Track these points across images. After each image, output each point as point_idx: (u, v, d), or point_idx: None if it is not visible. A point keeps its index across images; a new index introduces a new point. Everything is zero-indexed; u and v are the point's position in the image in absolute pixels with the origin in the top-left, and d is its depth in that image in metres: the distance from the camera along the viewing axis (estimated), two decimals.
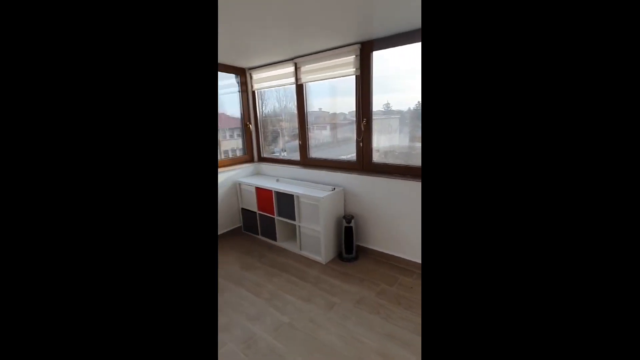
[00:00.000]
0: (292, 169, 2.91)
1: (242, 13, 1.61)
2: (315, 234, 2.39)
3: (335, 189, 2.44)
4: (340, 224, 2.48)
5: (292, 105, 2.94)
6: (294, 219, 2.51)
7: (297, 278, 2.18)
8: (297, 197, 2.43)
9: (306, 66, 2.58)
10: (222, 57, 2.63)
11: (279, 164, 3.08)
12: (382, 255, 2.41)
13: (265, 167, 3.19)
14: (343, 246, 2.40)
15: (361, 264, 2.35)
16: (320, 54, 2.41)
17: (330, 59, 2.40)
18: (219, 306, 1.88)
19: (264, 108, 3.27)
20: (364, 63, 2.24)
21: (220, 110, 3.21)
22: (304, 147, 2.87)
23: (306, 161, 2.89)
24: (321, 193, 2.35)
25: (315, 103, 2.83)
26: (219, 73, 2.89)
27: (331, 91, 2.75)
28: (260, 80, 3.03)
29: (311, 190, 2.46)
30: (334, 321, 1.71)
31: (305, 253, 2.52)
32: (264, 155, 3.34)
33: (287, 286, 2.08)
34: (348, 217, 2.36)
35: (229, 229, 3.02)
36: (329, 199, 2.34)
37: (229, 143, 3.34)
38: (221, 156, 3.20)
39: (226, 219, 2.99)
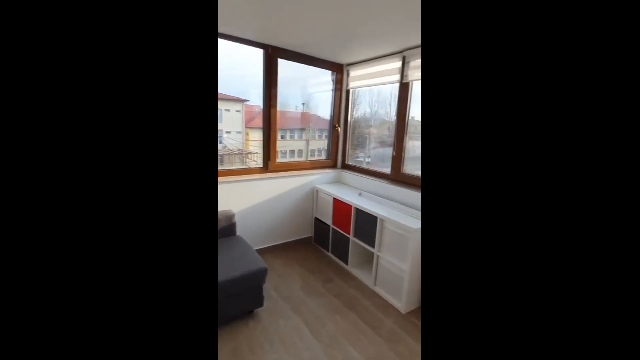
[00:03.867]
0: (379, 183, 2.44)
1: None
2: (397, 272, 1.87)
3: None
4: None
5: (383, 112, 2.69)
6: (372, 245, 2.04)
7: (366, 325, 1.71)
8: (382, 220, 1.95)
9: (417, 60, 2.07)
10: (321, 52, 2.38)
11: (365, 174, 2.65)
12: None
13: (349, 176, 2.81)
14: None
15: None
16: None
17: None
18: (271, 334, 1.58)
19: (355, 111, 2.93)
20: None
21: (310, 110, 3.03)
22: (397, 160, 2.36)
23: (398, 176, 2.37)
24: (414, 222, 1.81)
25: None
26: (315, 69, 2.66)
27: None
28: (358, 78, 2.67)
29: (401, 215, 1.95)
30: None
31: (380, 291, 2.01)
32: (349, 162, 2.97)
33: (352, 333, 1.63)
34: None
35: (299, 238, 2.76)
36: None
37: (317, 143, 3.15)
38: (307, 157, 3.02)
39: (297, 227, 2.74)
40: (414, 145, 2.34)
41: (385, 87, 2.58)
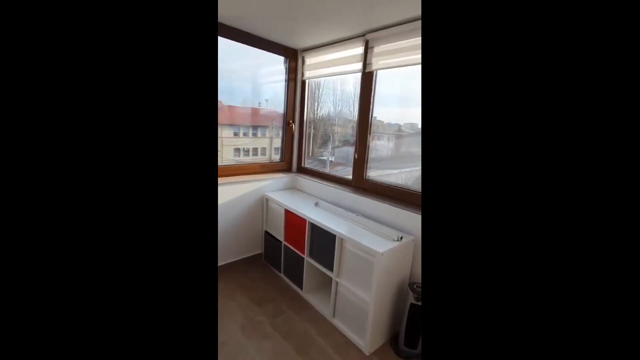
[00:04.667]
0: (339, 191, 2.07)
1: None
2: (360, 303, 1.52)
3: (403, 239, 1.54)
4: (402, 297, 1.57)
5: (347, 111, 2.41)
6: (331, 269, 1.67)
7: None
8: (342, 240, 1.59)
9: (382, 46, 1.74)
10: (271, 31, 1.95)
11: (324, 180, 2.27)
12: None
13: (305, 181, 2.41)
14: (403, 332, 1.49)
15: None
16: (405, 25, 1.55)
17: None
18: None
19: (319, 110, 2.57)
20: None
21: (274, 107, 2.58)
22: (360, 164, 2.02)
23: (361, 183, 2.03)
24: (380, 243, 1.48)
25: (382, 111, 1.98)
26: (266, 53, 2.22)
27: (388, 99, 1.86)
28: (314, 67, 2.28)
29: (364, 233, 1.60)
30: None
31: (339, 324, 1.65)
32: (306, 165, 2.58)
33: None
34: (418, 290, 1.45)
35: (246, 256, 2.31)
36: (392, 256, 1.45)
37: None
38: (271, 155, 2.56)
39: (244, 244, 2.28)
40: (376, 145, 2.02)
41: (349, 87, 2.26)
